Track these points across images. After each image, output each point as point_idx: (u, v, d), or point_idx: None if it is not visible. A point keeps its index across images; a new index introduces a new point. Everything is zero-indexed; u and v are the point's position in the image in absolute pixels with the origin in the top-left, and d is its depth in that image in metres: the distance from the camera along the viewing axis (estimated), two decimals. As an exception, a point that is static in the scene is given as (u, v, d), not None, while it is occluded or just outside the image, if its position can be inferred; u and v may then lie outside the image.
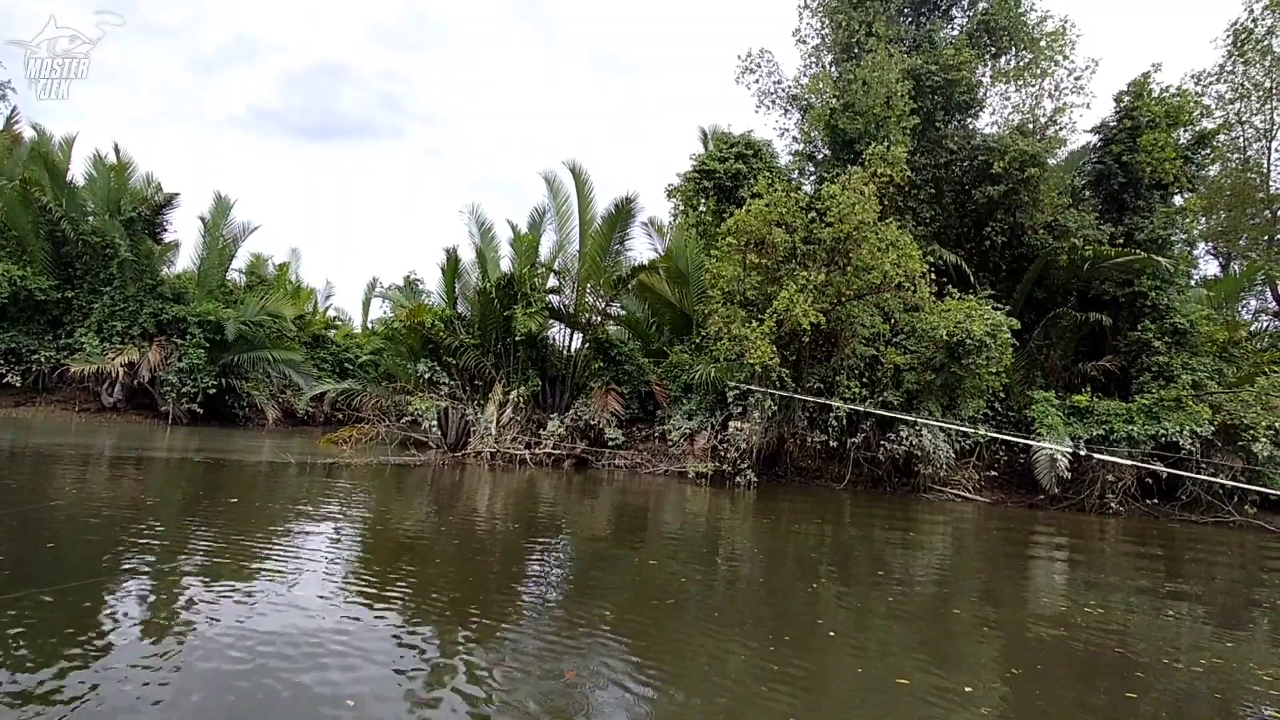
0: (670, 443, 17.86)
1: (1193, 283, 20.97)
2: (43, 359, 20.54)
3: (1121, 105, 18.72)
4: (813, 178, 19.17)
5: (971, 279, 17.82)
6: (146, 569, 5.81)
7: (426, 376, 18.40)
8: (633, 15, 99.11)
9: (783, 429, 16.95)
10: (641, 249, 21.58)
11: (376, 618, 4.98)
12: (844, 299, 16.21)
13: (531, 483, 14.97)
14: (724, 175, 17.71)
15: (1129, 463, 14.56)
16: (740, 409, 16.97)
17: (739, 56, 21.23)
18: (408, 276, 23.65)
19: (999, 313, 15.49)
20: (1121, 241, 17.93)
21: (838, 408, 15.91)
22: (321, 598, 5.35)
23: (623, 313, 20.73)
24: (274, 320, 22.96)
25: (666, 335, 19.96)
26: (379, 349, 23.55)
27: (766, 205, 15.76)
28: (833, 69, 19.57)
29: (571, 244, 19.27)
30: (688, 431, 17.62)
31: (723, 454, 16.68)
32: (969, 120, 19.45)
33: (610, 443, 17.91)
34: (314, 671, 3.89)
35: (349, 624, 4.74)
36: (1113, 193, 18.83)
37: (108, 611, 4.65)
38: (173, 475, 12.50)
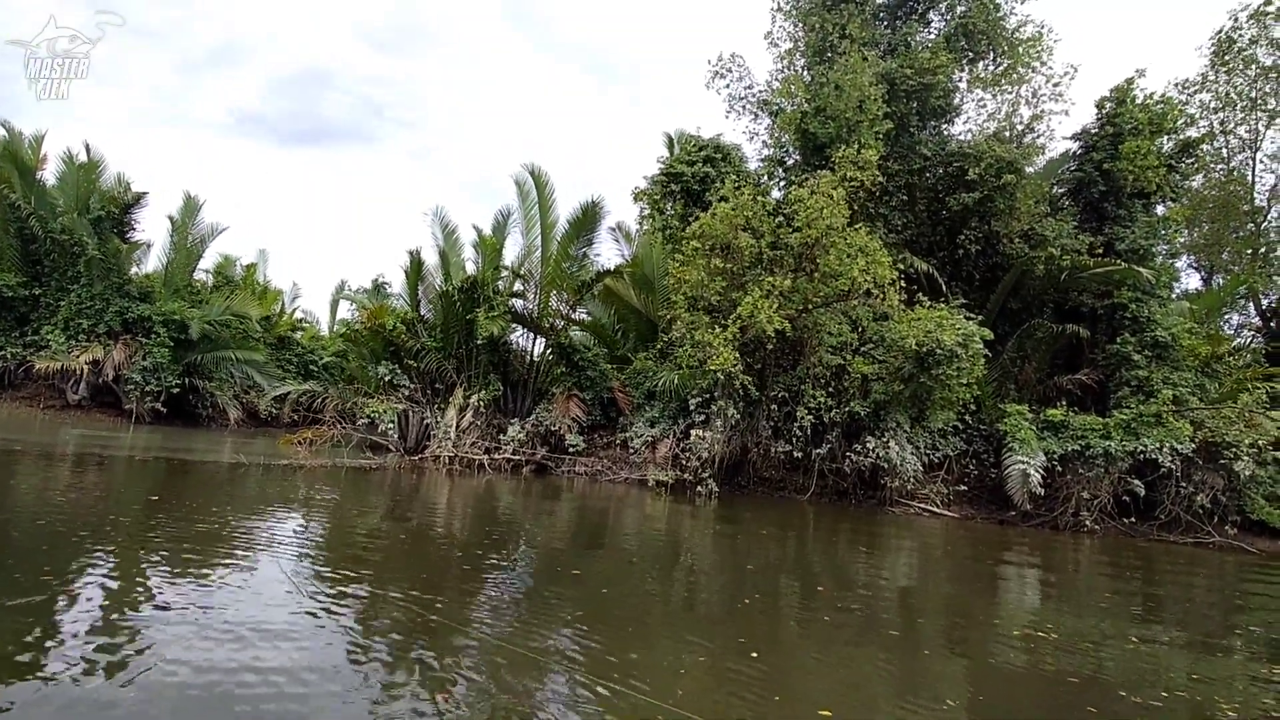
0: (632, 450, 17.43)
1: (1175, 295, 20.41)
2: (8, 355, 20.36)
3: (1103, 111, 18.29)
4: (782, 183, 18.77)
5: (944, 288, 17.35)
6: (103, 568, 5.70)
7: (387, 379, 18.03)
8: (610, 17, 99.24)
9: (746, 438, 16.49)
10: (610, 254, 21.33)
11: (330, 631, 4.77)
12: (811, 306, 15.79)
13: (489, 488, 14.58)
14: (691, 179, 17.36)
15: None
16: (703, 417, 16.53)
17: (709, 61, 20.98)
18: (375, 279, 23.41)
19: (971, 323, 15.02)
20: (1101, 252, 17.44)
21: (801, 418, 15.46)
22: (274, 606, 5.14)
23: (588, 318, 20.37)
24: (239, 321, 22.75)
25: (632, 342, 19.58)
26: (341, 351, 23.31)
27: (732, 209, 15.39)
28: (805, 73, 19.22)
29: (537, 248, 18.93)
30: (650, 439, 17.18)
31: (684, 462, 16.22)
32: (944, 126, 19.05)
33: (571, 449, 17.48)
34: (267, 686, 3.75)
35: (301, 636, 4.57)
36: (1093, 201, 18.37)
37: (63, 615, 4.55)
38: (133, 475, 12.17)
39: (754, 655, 5.21)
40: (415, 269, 18.88)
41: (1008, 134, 18.52)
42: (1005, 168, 16.94)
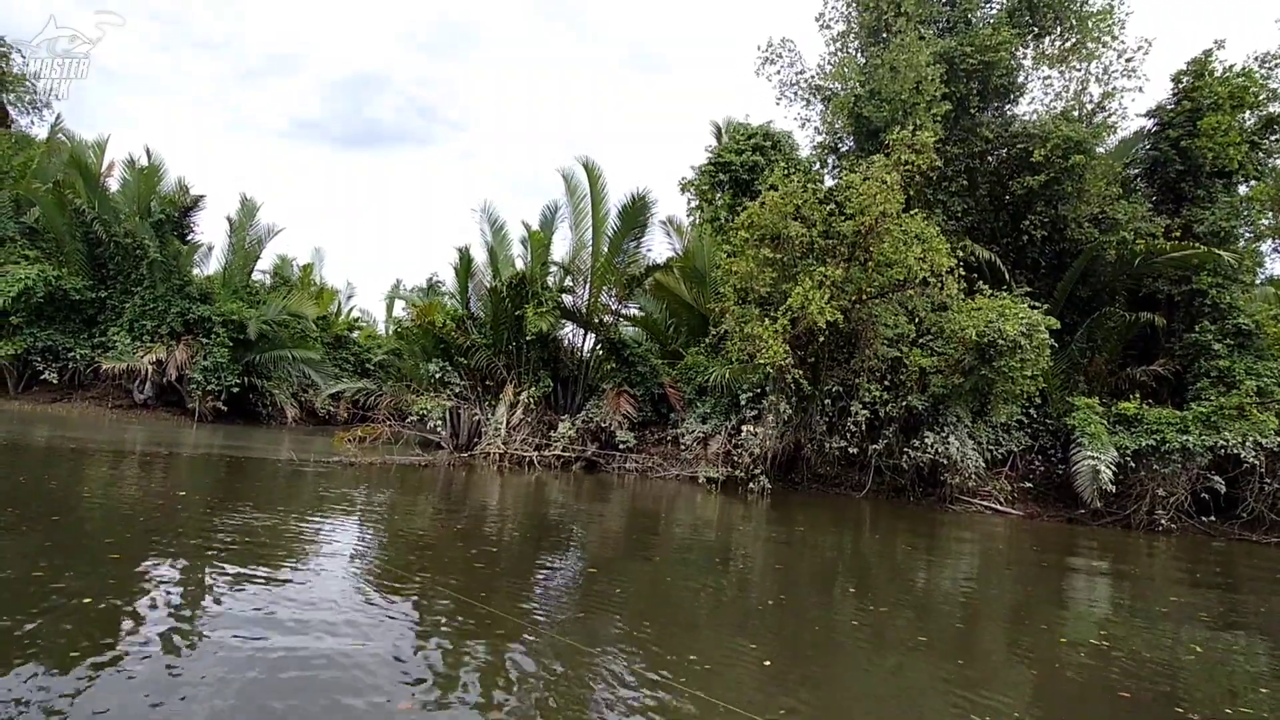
0: (683, 446, 17.19)
1: (1259, 281, 19.20)
2: (78, 356, 21.11)
3: (1180, 86, 17.25)
4: (835, 170, 18.20)
5: (1007, 276, 16.61)
6: (171, 561, 5.88)
7: (438, 376, 18.13)
8: (659, 9, 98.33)
9: (799, 434, 16.10)
10: (661, 248, 20.97)
11: (385, 623, 4.79)
12: (865, 296, 15.27)
13: (540, 485, 14.55)
14: (740, 168, 16.94)
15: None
16: (755, 412, 16.20)
17: (759, 47, 20.37)
18: (429, 278, 23.60)
19: (1036, 312, 14.33)
20: (1178, 235, 16.47)
21: (856, 413, 14.98)
22: (332, 599, 5.21)
23: (638, 313, 20.13)
24: (296, 320, 23.23)
25: (683, 336, 19.29)
26: (395, 349, 23.59)
27: (782, 197, 14.96)
28: (859, 55, 18.55)
29: (587, 243, 18.76)
30: (701, 435, 16.92)
31: (736, 459, 15.92)
32: (1007, 106, 18.18)
33: (621, 445, 17.33)
34: (327, 677, 3.79)
35: (361, 630, 4.57)
36: (1169, 182, 17.37)
37: (135, 604, 4.68)
38: (195, 472, 12.50)
39: (804, 658, 5.03)
40: (464, 266, 18.92)
41: (1076, 113, 17.56)
42: (1073, 148, 16.08)
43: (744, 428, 15.96)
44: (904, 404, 15.45)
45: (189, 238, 23.07)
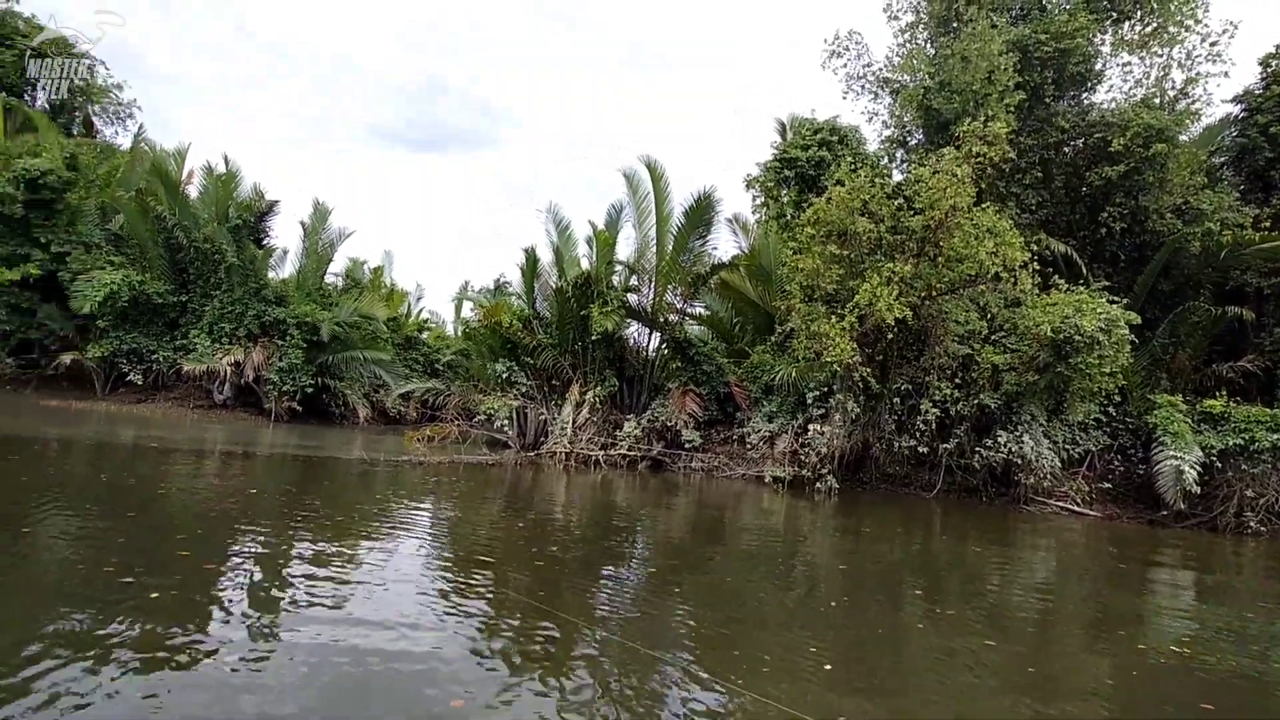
0: (749, 446, 17.18)
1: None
2: (161, 359, 22.06)
3: (1269, 70, 16.52)
4: (904, 165, 17.90)
5: (1084, 270, 16.14)
6: (257, 553, 6.16)
7: (505, 376, 18.47)
8: (728, 5, 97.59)
9: (867, 433, 15.94)
10: (726, 246, 20.91)
11: (455, 620, 4.92)
12: (935, 293, 15.02)
13: (606, 484, 14.73)
14: (806, 163, 16.81)
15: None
16: (822, 411, 16.10)
17: (825, 40, 20.10)
18: (497, 279, 23.99)
19: (1115, 307, 13.91)
20: (1268, 225, 15.78)
21: (926, 411, 14.76)
22: (404, 595, 5.39)
23: (704, 311, 20.15)
24: (367, 322, 23.87)
25: (749, 335, 19.24)
26: (463, 349, 24.03)
27: (849, 193, 14.81)
28: (928, 45, 18.19)
29: (650, 242, 18.85)
30: (767, 434, 16.89)
31: (803, 458, 15.85)
32: (1084, 95, 17.61)
33: (687, 445, 17.40)
34: (399, 670, 3.93)
35: (432, 626, 4.71)
36: (1257, 170, 16.65)
37: (217, 598, 4.87)
38: (272, 471, 12.99)
39: (868, 662, 5.03)
40: (530, 267, 19.21)
41: (1158, 100, 16.93)
42: (1155, 136, 15.52)
43: (811, 427, 15.87)
44: (976, 402, 15.17)
45: (264, 242, 23.91)
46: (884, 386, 15.42)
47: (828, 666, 4.79)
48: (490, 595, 5.61)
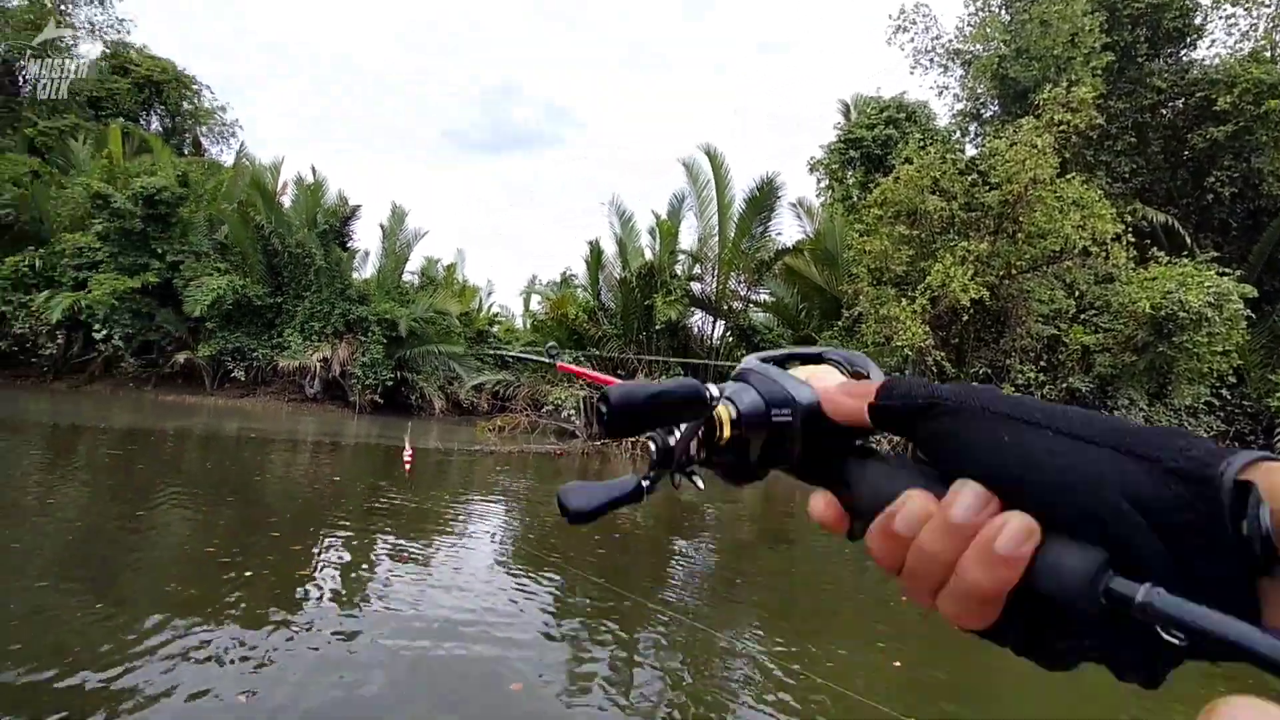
0: (818, 434, 16.59)
1: None
2: (260, 356, 23.52)
3: None
4: (978, 139, 16.93)
5: (1188, 241, 14.76)
6: (342, 538, 6.39)
7: (571, 367, 18.60)
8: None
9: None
10: (790, 231, 20.36)
11: (527, 602, 4.97)
12: (1015, 271, 14.08)
13: (672, 473, 14.49)
14: (872, 143, 16.18)
15: None
16: (893, 398, 15.35)
17: (890, 16, 19.31)
18: (563, 272, 24.28)
19: (1226, 279, 12.66)
20: None
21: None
22: (479, 578, 5.50)
23: (768, 298, 19.67)
24: (442, 317, 24.64)
25: (815, 320, 18.65)
26: (531, 341, 24.41)
27: (917, 170, 14.15)
28: (1003, 12, 17.14)
29: (713, 230, 18.58)
30: (838, 423, 16.26)
31: (874, 447, 15.13)
32: (1182, 52, 16.15)
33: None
34: (475, 648, 4.03)
35: (505, 609, 4.77)
36: (1395, 123, 14.75)
37: (308, 577, 5.09)
38: (357, 459, 13.58)
39: (948, 657, 4.60)
40: (595, 259, 19.31)
41: (1268, 53, 15.32)
42: (1267, 92, 14.04)
43: (881, 414, 15.15)
44: (1064, 386, 14.13)
45: (348, 244, 25.12)
46: (960, 371, 14.57)
47: (896, 664, 4.50)
48: (560, 580, 5.63)
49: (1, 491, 7.25)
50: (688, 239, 19.20)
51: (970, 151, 16.46)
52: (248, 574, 4.93)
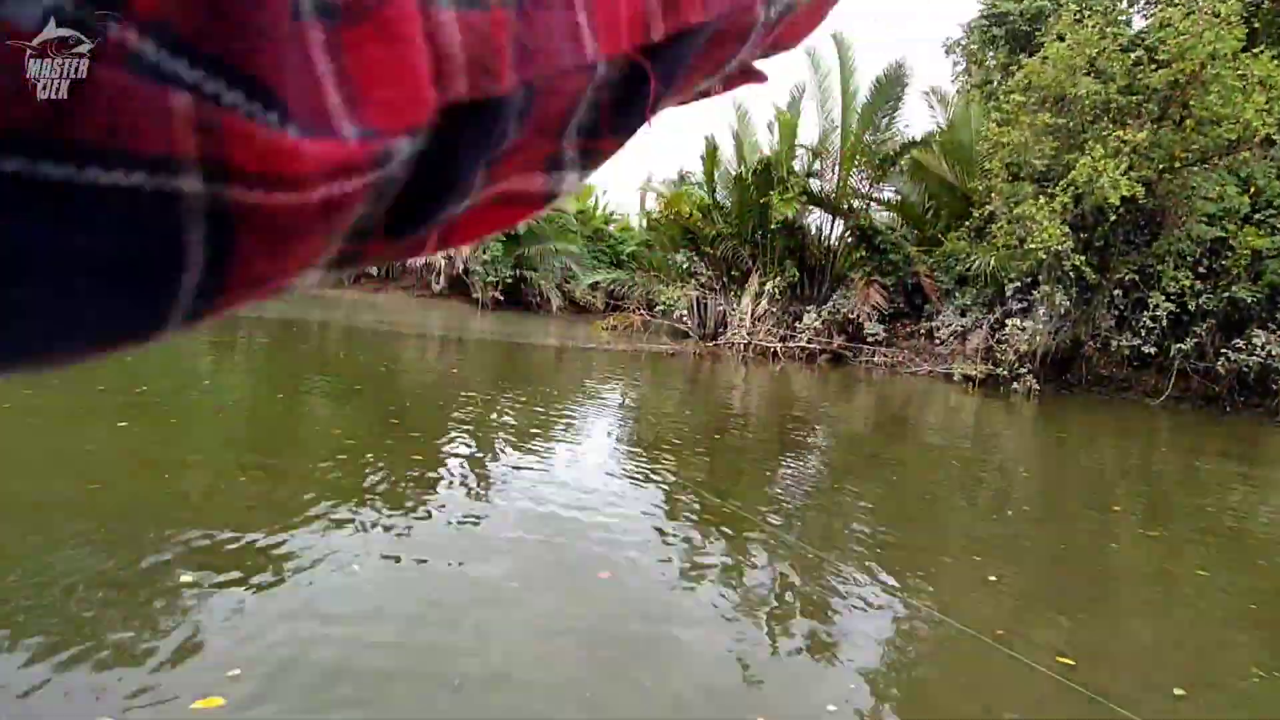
0: (938, 341, 16.00)
1: None
2: (391, 251, 24.98)
3: None
4: (1146, 8, 14.76)
5: None
6: (467, 430, 6.78)
7: (684, 266, 18.60)
8: None
9: (1079, 329, 14.16)
10: (920, 122, 18.84)
11: (637, 500, 5.13)
12: (1178, 164, 12.58)
13: (784, 377, 14.53)
14: (1019, 17, 14.50)
15: None
16: (1024, 305, 14.50)
17: None
18: (679, 170, 23.78)
19: None
20: None
21: (1156, 306, 12.72)
22: (594, 470, 5.75)
23: (892, 196, 18.54)
24: (559, 214, 25.01)
25: (942, 220, 17.49)
26: (645, 240, 24.40)
27: (1070, 49, 12.68)
28: None
29: (834, 124, 17.48)
30: (959, 329, 15.60)
31: (999, 356, 14.51)
32: None
33: (870, 339, 16.59)
34: (590, 538, 4.26)
35: (617, 504, 4.96)
36: None
37: (438, 463, 5.50)
38: (482, 353, 14.36)
39: (1058, 583, 4.44)
40: (710, 155, 18.77)
41: None
42: None
43: (1009, 321, 14.38)
44: (1226, 295, 12.81)
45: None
46: (1102, 277, 13.46)
47: (1009, 582, 4.37)
48: (671, 479, 5.70)
49: (181, 375, 8.02)
50: (806, 135, 18.24)
51: (1138, 24, 14.42)
52: (384, 459, 5.31)
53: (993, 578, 4.32)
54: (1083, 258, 12.98)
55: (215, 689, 2.39)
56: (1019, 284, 14.40)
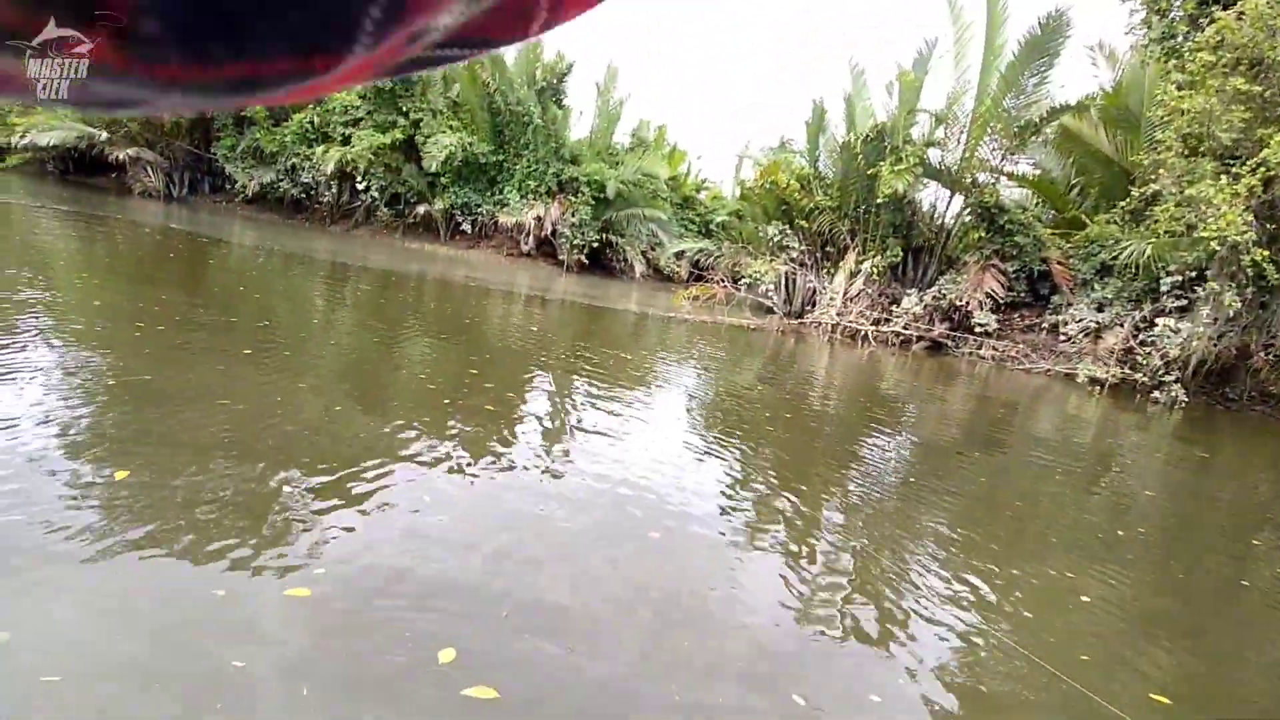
0: (1063, 337, 13.84)
1: None
2: (484, 211, 24.60)
3: None
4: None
5: None
6: (545, 392, 6.77)
7: (776, 239, 17.04)
8: None
9: (1248, 336, 11.78)
10: (1076, 84, 16.25)
11: (710, 472, 4.96)
12: None
13: (873, 362, 13.06)
14: (1213, -41, 12.09)
15: None
16: (1182, 303, 12.24)
17: None
18: (781, 138, 22.11)
19: None
20: None
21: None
22: (667, 438, 5.66)
23: (1029, 170, 16.20)
24: (649, 180, 23.99)
25: (1091, 199, 15.10)
26: (736, 210, 23.15)
27: (1273, 5, 10.49)
28: None
29: (968, 85, 15.32)
30: (1092, 325, 13.41)
31: (1139, 359, 12.30)
32: None
33: (978, 328, 14.54)
34: (659, 501, 4.19)
35: (689, 475, 4.81)
36: None
37: (519, 419, 5.52)
38: (565, 314, 13.84)
39: (1169, 617, 3.76)
40: (816, 120, 17.07)
41: None
42: None
43: (1160, 321, 12.14)
44: None
45: (563, 103, 24.89)
46: (1287, 273, 11.07)
47: (1104, 604, 3.67)
48: (745, 456, 5.49)
49: (301, 317, 8.54)
50: (932, 100, 16.17)
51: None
52: (473, 407, 5.47)
53: (1086, 599, 3.73)
54: (1266, 253, 10.74)
55: (305, 584, 2.64)
56: (1179, 279, 12.15)
